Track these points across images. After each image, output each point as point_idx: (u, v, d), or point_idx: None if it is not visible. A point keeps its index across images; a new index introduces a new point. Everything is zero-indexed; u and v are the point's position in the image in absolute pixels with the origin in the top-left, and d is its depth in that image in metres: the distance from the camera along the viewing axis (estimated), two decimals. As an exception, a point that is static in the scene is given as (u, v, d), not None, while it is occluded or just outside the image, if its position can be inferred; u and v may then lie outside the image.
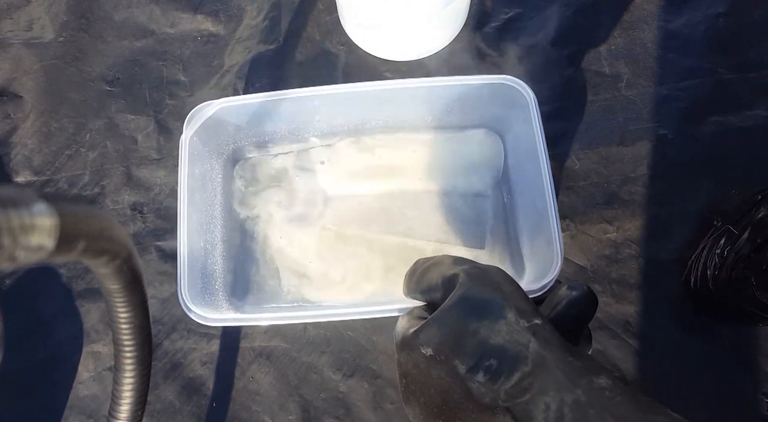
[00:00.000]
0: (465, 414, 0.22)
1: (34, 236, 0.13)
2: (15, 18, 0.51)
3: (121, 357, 0.24)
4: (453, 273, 0.26)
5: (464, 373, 0.22)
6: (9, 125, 0.48)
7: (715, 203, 0.44)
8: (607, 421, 0.19)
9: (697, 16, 0.49)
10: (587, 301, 0.25)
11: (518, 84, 0.39)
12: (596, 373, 0.21)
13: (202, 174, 0.41)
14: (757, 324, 0.41)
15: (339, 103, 0.41)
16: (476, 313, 0.23)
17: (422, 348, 0.24)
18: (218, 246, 0.41)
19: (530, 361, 0.21)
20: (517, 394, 0.21)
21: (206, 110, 0.39)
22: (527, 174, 0.39)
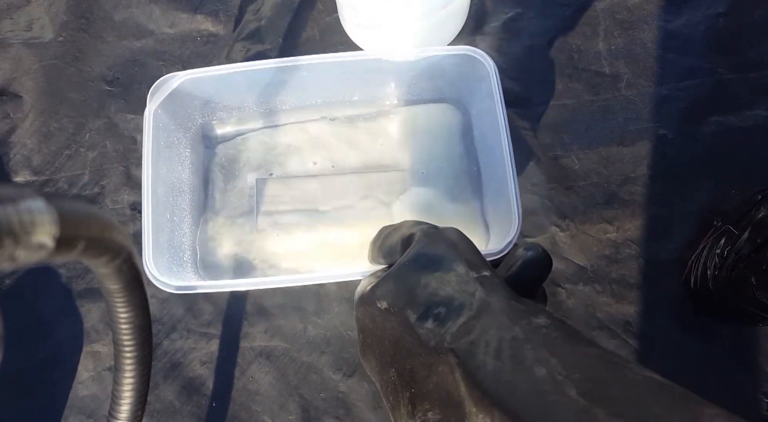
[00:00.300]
0: (414, 359, 0.23)
1: (34, 236, 0.13)
2: (15, 18, 0.51)
3: (121, 357, 0.24)
4: (410, 233, 0.27)
5: (414, 321, 0.23)
6: (8, 124, 0.48)
7: (715, 203, 0.44)
8: (541, 353, 0.19)
9: (697, 16, 0.49)
10: (542, 261, 0.26)
11: (479, 54, 0.39)
12: (536, 314, 0.21)
13: (168, 146, 0.41)
14: (757, 324, 0.41)
15: (308, 75, 0.41)
16: (429, 267, 0.24)
17: (378, 302, 0.25)
18: (187, 219, 0.42)
19: (475, 306, 0.22)
20: (461, 336, 0.21)
21: (171, 81, 0.39)
22: (490, 144, 0.40)
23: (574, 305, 0.43)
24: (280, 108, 0.45)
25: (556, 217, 0.45)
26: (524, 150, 0.46)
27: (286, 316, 0.43)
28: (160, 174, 0.39)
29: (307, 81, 0.42)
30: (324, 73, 0.41)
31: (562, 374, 0.18)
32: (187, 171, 0.43)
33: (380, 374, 0.25)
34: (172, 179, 0.41)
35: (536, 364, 0.19)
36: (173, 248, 0.39)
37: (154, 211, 0.37)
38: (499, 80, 0.38)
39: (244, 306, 0.43)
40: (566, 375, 0.18)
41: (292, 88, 0.43)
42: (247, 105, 0.44)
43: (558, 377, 0.18)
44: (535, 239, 0.44)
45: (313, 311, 0.43)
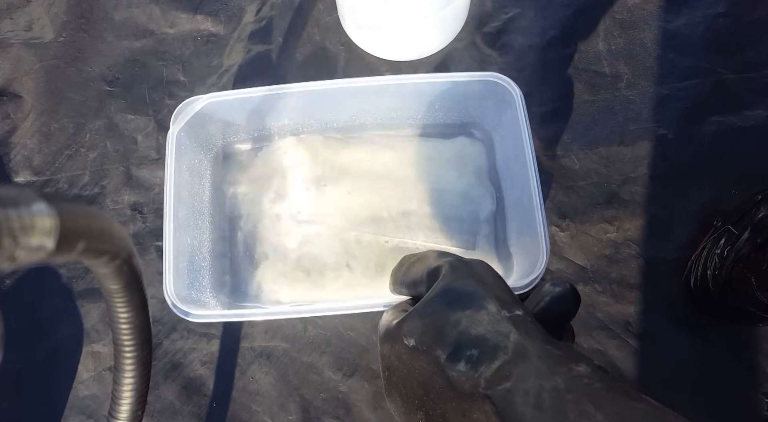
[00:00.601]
0: (445, 404, 0.22)
1: (34, 236, 0.13)
2: (15, 18, 0.51)
3: (121, 357, 0.24)
4: (437, 266, 0.26)
5: (445, 362, 0.22)
6: (9, 125, 0.48)
7: (715, 203, 0.44)
8: (584, 405, 0.19)
9: (697, 16, 0.49)
10: (570, 297, 0.25)
11: (505, 81, 0.39)
12: (576, 361, 0.21)
13: (189, 169, 0.40)
14: (757, 324, 0.41)
15: (329, 99, 0.41)
16: (458, 304, 0.23)
17: (405, 339, 0.24)
18: (206, 243, 0.41)
19: (510, 350, 0.21)
20: (497, 382, 0.21)
21: (194, 104, 0.39)
22: (514, 172, 0.39)
23: (574, 305, 0.43)
24: (304, 130, 0.44)
25: (556, 217, 0.45)
26: (524, 150, 0.46)
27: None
28: (182, 197, 0.38)
29: (331, 105, 0.42)
30: (348, 96, 0.40)
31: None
32: (207, 193, 0.43)
33: (407, 415, 0.24)
34: (193, 202, 0.40)
35: (580, 418, 0.18)
36: (193, 273, 0.38)
37: (174, 236, 0.36)
38: (525, 107, 0.38)
39: (244, 306, 0.43)
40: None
41: (313, 111, 0.43)
42: (269, 127, 0.44)
43: None
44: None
45: (313, 311, 0.43)
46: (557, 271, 0.44)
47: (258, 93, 0.39)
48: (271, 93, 0.39)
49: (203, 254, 0.41)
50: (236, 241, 0.43)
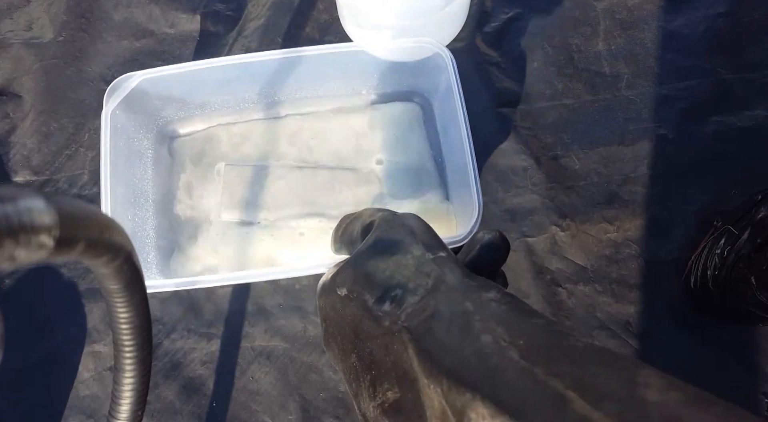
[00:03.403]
0: (372, 341, 0.23)
1: (34, 236, 0.13)
2: (15, 18, 0.51)
3: (121, 357, 0.24)
4: (371, 221, 0.28)
5: (372, 305, 0.23)
6: (8, 124, 0.48)
7: (715, 203, 0.44)
8: (488, 324, 0.20)
9: (697, 16, 0.49)
10: (499, 244, 0.26)
11: (436, 46, 0.39)
12: (487, 289, 0.22)
13: (128, 147, 0.40)
14: (757, 324, 0.41)
15: (266, 72, 0.41)
16: (387, 251, 0.25)
17: (338, 290, 0.25)
18: (150, 219, 0.42)
19: (430, 285, 0.23)
20: (415, 314, 0.22)
21: (129, 82, 0.39)
22: (451, 135, 0.40)
23: (575, 305, 0.43)
24: (245, 105, 0.45)
25: (557, 216, 0.45)
26: (525, 150, 0.46)
27: (287, 316, 0.43)
28: (120, 174, 0.38)
29: (270, 77, 0.42)
30: (287, 68, 0.41)
31: (507, 340, 0.19)
32: (149, 171, 0.43)
33: (342, 361, 0.25)
34: (133, 180, 0.41)
35: (483, 333, 0.20)
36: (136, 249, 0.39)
37: (113, 215, 0.36)
38: (457, 72, 0.38)
39: (244, 306, 0.43)
40: (510, 342, 0.19)
41: (256, 85, 0.43)
42: (211, 102, 0.44)
43: (502, 343, 0.19)
44: (535, 238, 0.44)
45: (313, 311, 0.43)
46: (558, 271, 0.44)
47: (192, 67, 0.39)
48: (207, 67, 0.39)
49: (147, 230, 0.41)
50: (180, 218, 0.43)
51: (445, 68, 0.39)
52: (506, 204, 0.45)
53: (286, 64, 0.40)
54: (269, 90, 0.44)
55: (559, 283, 0.43)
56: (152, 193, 0.42)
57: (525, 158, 0.46)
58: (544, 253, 0.44)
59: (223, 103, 0.44)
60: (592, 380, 0.17)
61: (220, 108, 0.45)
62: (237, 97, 0.44)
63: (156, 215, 0.42)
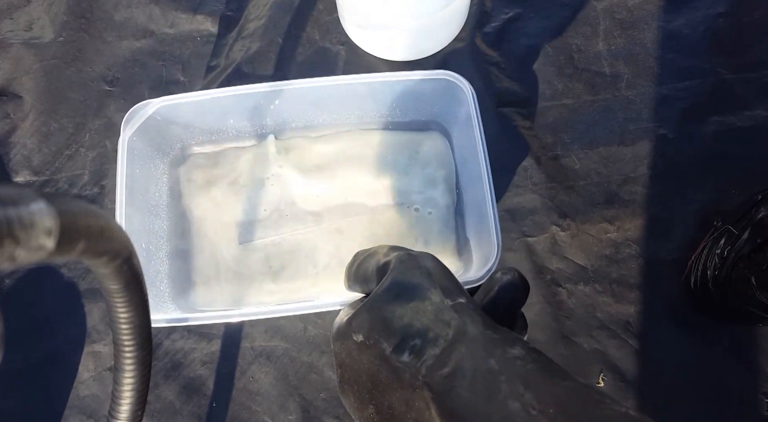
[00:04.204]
0: (391, 395, 0.22)
1: (34, 236, 0.13)
2: (15, 18, 0.51)
3: (121, 357, 0.24)
4: (386, 261, 0.27)
5: (390, 354, 0.22)
6: (8, 124, 0.48)
7: (715, 203, 0.44)
8: (516, 386, 0.19)
9: (697, 16, 0.49)
10: (519, 284, 0.26)
11: (457, 79, 0.39)
12: (511, 344, 0.21)
13: (145, 175, 0.40)
14: (757, 324, 0.41)
15: (283, 99, 0.41)
16: (404, 296, 0.24)
17: (354, 335, 0.24)
18: (164, 247, 0.41)
19: (450, 336, 0.22)
20: (436, 368, 0.21)
21: (145, 109, 0.38)
22: (470, 168, 0.40)
23: (575, 305, 0.43)
24: (262, 131, 0.44)
25: (557, 216, 0.45)
26: (525, 150, 0.46)
27: (286, 316, 0.43)
28: (135, 201, 0.38)
29: (289, 104, 0.41)
30: (303, 96, 0.40)
31: (536, 408, 0.18)
32: (164, 197, 0.42)
33: (359, 410, 0.24)
34: (148, 206, 0.40)
35: (510, 398, 0.19)
36: (149, 278, 0.37)
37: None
38: (477, 104, 0.38)
39: (244, 306, 0.43)
40: (540, 410, 0.18)
41: (272, 112, 0.42)
42: (228, 128, 0.43)
43: (532, 411, 0.18)
44: (535, 238, 0.44)
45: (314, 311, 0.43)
46: (558, 270, 0.44)
47: (211, 95, 0.39)
48: (225, 95, 0.39)
49: (160, 257, 0.40)
50: (195, 246, 0.42)
51: (464, 100, 0.38)
52: (506, 204, 0.45)
53: (303, 92, 0.40)
54: (287, 117, 0.43)
55: (559, 283, 0.43)
56: (167, 218, 0.42)
57: (525, 157, 0.46)
58: (544, 253, 0.44)
59: (240, 129, 0.44)
60: None
61: (238, 133, 0.44)
62: (254, 123, 0.43)
63: (170, 242, 0.41)
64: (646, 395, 0.41)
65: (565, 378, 0.20)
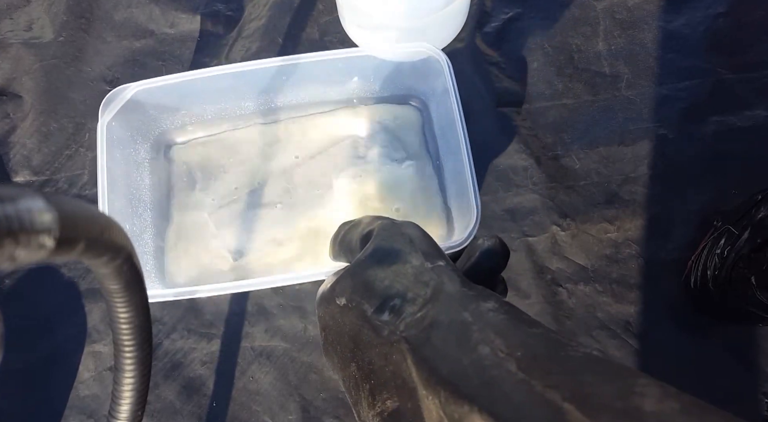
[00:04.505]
0: (371, 351, 0.23)
1: (34, 236, 0.13)
2: (15, 18, 0.51)
3: (121, 357, 0.24)
4: (369, 230, 0.28)
5: (371, 315, 0.23)
6: (8, 124, 0.48)
7: (715, 203, 0.44)
8: (487, 333, 0.20)
9: (697, 16, 0.49)
10: (499, 250, 0.26)
11: (433, 51, 0.39)
12: (485, 299, 0.22)
13: (125, 159, 0.41)
14: (757, 324, 0.41)
15: (262, 79, 0.41)
16: (385, 261, 0.25)
17: (337, 299, 0.25)
18: (148, 229, 0.42)
19: (429, 295, 0.23)
20: (414, 324, 0.22)
21: (123, 93, 0.39)
22: (449, 139, 0.40)
23: (575, 304, 0.43)
24: (241, 113, 0.45)
25: (557, 216, 0.45)
26: (525, 150, 0.46)
27: (287, 316, 0.43)
28: (117, 186, 0.38)
29: (266, 84, 0.42)
30: (284, 75, 0.41)
31: (504, 351, 0.19)
32: (146, 180, 0.43)
33: (342, 370, 0.25)
34: (130, 190, 0.41)
35: (481, 344, 0.20)
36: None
37: None
38: (453, 76, 0.38)
39: (244, 306, 0.43)
40: (508, 353, 0.19)
41: (252, 92, 0.43)
42: (208, 111, 0.44)
43: (500, 354, 0.19)
44: (535, 238, 0.44)
45: (313, 310, 0.43)
46: (558, 270, 0.44)
47: (188, 77, 0.39)
48: (202, 76, 0.39)
49: (145, 240, 0.41)
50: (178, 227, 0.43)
51: (441, 72, 0.39)
52: (506, 204, 0.45)
53: (281, 71, 0.40)
54: (265, 97, 0.44)
55: (559, 283, 0.43)
56: (150, 202, 0.42)
57: (525, 157, 0.46)
58: (544, 253, 0.44)
59: (219, 111, 0.44)
60: (589, 391, 0.17)
61: (217, 116, 0.44)
62: (233, 104, 0.44)
63: (154, 224, 0.42)
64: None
65: (534, 326, 0.20)
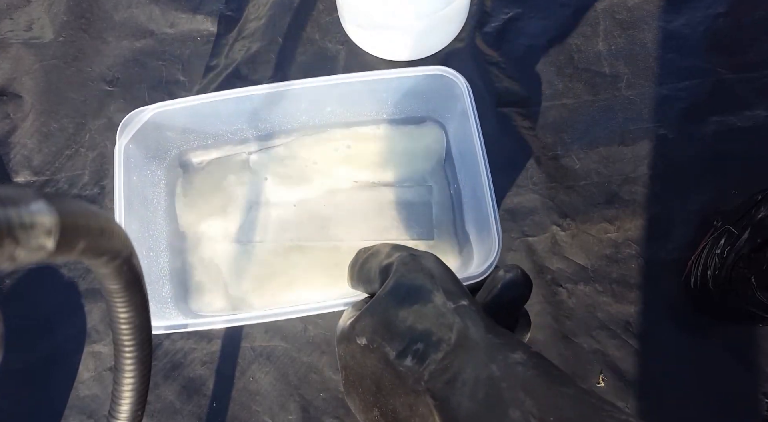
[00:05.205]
0: (395, 399, 0.22)
1: (34, 236, 0.13)
2: (15, 18, 0.51)
3: (121, 357, 0.24)
4: (388, 263, 0.26)
5: (394, 359, 0.22)
6: (8, 124, 0.48)
7: (715, 203, 0.44)
8: (516, 393, 0.19)
9: (697, 16, 0.49)
10: (521, 282, 0.26)
11: (453, 75, 0.39)
12: (513, 349, 0.21)
13: (142, 181, 0.40)
14: (757, 324, 0.41)
15: (278, 101, 0.41)
16: (407, 299, 0.24)
17: (357, 339, 0.24)
18: (164, 253, 0.41)
19: (453, 341, 0.22)
20: (438, 374, 0.21)
21: (141, 116, 0.38)
22: (468, 163, 0.40)
23: (575, 305, 0.43)
24: (259, 133, 0.44)
25: (557, 216, 0.45)
26: (525, 150, 0.46)
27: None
28: (134, 208, 0.38)
29: (285, 106, 0.41)
30: (300, 97, 0.40)
31: (536, 416, 0.18)
32: (162, 203, 0.42)
33: (364, 412, 0.24)
34: (146, 213, 0.40)
35: (511, 406, 0.19)
36: (151, 285, 0.37)
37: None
38: (473, 98, 0.38)
39: (244, 306, 0.43)
40: (540, 418, 0.18)
41: (270, 114, 0.42)
42: (225, 132, 0.43)
43: (532, 420, 0.18)
44: (536, 238, 0.44)
45: (314, 311, 0.43)
46: (559, 270, 0.44)
47: (205, 100, 0.39)
48: (220, 99, 0.39)
49: (161, 264, 0.40)
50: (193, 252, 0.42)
51: (460, 95, 0.38)
52: (507, 204, 0.45)
53: (299, 93, 0.40)
54: (283, 119, 0.43)
55: (559, 283, 0.43)
56: (166, 225, 0.42)
57: (525, 157, 0.46)
58: (544, 253, 0.44)
59: (236, 132, 0.44)
60: None
61: (234, 137, 0.44)
62: (251, 126, 0.43)
63: (170, 248, 0.41)
64: (646, 395, 0.41)
65: (566, 384, 0.19)
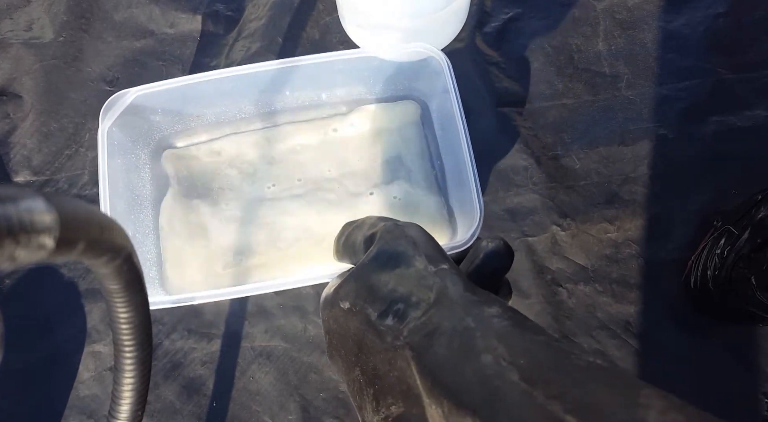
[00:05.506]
0: (375, 356, 0.23)
1: (34, 236, 0.13)
2: (15, 18, 0.51)
3: (121, 357, 0.24)
4: (372, 232, 0.27)
5: (375, 319, 0.23)
6: (8, 124, 0.48)
7: (715, 203, 0.44)
8: (490, 340, 0.20)
9: (697, 16, 0.49)
10: (503, 252, 0.26)
11: (432, 51, 0.39)
12: (489, 304, 0.22)
13: (126, 164, 0.40)
14: (757, 324, 0.41)
15: (262, 82, 0.41)
16: (389, 264, 0.25)
17: (341, 303, 0.25)
18: (150, 235, 0.41)
19: (432, 300, 0.23)
20: (417, 330, 0.22)
21: (123, 99, 0.38)
22: (450, 138, 0.40)
23: (575, 304, 0.43)
24: (242, 116, 0.44)
25: (557, 216, 0.45)
26: (525, 150, 0.46)
27: (287, 316, 0.43)
28: (118, 191, 0.38)
29: (267, 87, 0.42)
30: (283, 77, 0.41)
31: (507, 360, 0.19)
32: (147, 186, 0.42)
33: (347, 374, 0.25)
34: (132, 195, 0.40)
35: (483, 352, 0.19)
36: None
37: None
38: (453, 75, 0.38)
39: (244, 307, 0.43)
40: (510, 361, 0.19)
41: (253, 96, 0.43)
42: (207, 114, 0.43)
43: (503, 363, 0.19)
44: (536, 238, 0.44)
45: (313, 311, 0.43)
46: (559, 270, 0.44)
47: (187, 81, 0.39)
48: (201, 80, 0.39)
49: (148, 245, 0.41)
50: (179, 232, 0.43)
51: (441, 72, 0.39)
52: (507, 203, 0.45)
53: (281, 73, 0.40)
54: (266, 100, 0.44)
55: (559, 283, 0.43)
56: (151, 207, 0.42)
57: (525, 157, 0.46)
58: (544, 253, 0.44)
59: (219, 115, 0.44)
60: (592, 402, 0.16)
61: (217, 119, 0.44)
62: (233, 108, 0.44)
63: (156, 229, 0.42)
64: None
65: (538, 333, 0.20)
